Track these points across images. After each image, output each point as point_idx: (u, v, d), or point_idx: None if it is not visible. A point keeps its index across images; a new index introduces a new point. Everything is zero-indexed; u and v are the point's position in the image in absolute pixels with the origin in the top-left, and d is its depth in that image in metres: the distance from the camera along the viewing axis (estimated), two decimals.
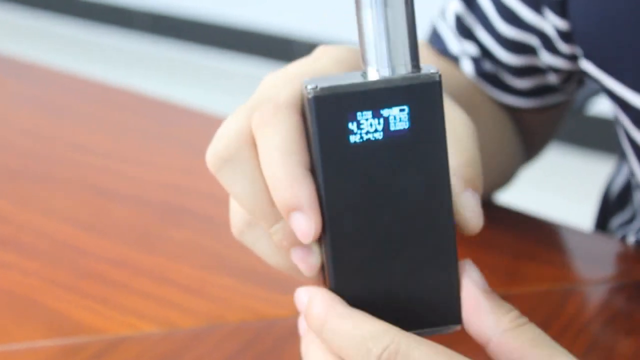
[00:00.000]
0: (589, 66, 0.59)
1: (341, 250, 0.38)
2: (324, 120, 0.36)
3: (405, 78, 0.36)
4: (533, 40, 0.63)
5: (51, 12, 3.65)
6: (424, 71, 0.37)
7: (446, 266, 0.38)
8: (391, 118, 0.36)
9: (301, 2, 2.84)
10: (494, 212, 0.66)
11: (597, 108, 1.24)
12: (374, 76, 0.37)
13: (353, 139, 0.36)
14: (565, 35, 0.60)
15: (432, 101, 0.37)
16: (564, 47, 0.60)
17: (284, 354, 0.53)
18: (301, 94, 0.39)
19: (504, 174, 0.70)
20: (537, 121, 0.71)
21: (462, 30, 0.67)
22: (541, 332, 0.37)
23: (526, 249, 0.62)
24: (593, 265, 0.61)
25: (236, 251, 0.44)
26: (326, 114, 0.36)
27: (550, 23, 0.60)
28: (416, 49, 0.37)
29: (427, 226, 0.37)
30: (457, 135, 0.41)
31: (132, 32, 3.38)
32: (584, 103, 1.06)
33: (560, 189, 2.14)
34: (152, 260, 0.62)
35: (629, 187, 0.77)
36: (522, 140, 0.72)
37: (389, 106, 0.36)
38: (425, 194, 0.37)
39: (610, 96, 0.59)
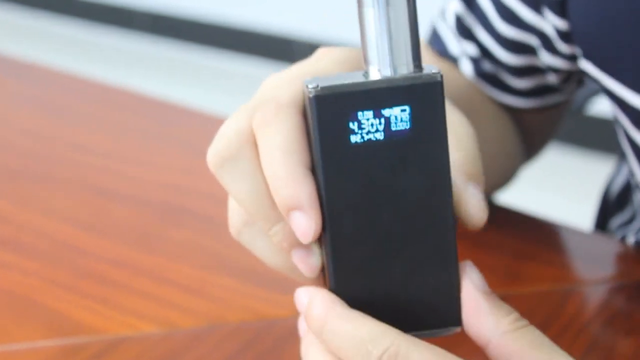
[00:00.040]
0: (588, 66, 0.59)
1: (341, 251, 0.37)
2: (324, 120, 0.36)
3: (406, 78, 0.36)
4: (533, 40, 0.63)
5: (51, 12, 3.65)
6: (426, 71, 0.36)
7: (446, 267, 0.38)
8: (392, 118, 0.36)
9: (301, 2, 2.84)
10: (494, 213, 0.66)
11: (597, 108, 1.24)
12: (375, 76, 0.37)
13: (354, 138, 0.36)
14: (564, 35, 0.60)
15: (433, 101, 0.36)
16: (563, 47, 0.60)
17: (284, 354, 0.53)
18: (302, 93, 0.39)
19: (504, 175, 0.70)
20: (536, 121, 0.71)
21: (462, 30, 0.67)
22: (541, 334, 0.37)
23: (526, 249, 0.62)
24: (593, 265, 0.61)
25: (236, 251, 0.44)
26: (327, 113, 0.36)
27: (550, 23, 0.60)
28: (418, 48, 0.37)
29: (427, 227, 0.37)
30: (457, 136, 0.41)
31: (132, 32, 3.38)
32: (584, 103, 1.06)
33: (560, 189, 2.14)
34: (152, 260, 0.62)
35: (629, 187, 0.77)
36: (523, 141, 0.72)
37: (390, 106, 0.36)
38: (425, 195, 0.37)
39: (610, 96, 0.59)
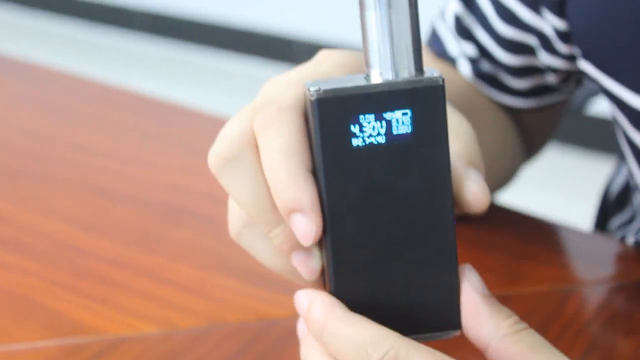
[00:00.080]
0: (587, 66, 0.59)
1: (342, 254, 0.37)
2: (326, 123, 0.36)
3: (408, 81, 0.36)
4: (531, 40, 0.63)
5: (50, 12, 3.65)
6: (427, 75, 0.36)
7: (446, 271, 0.38)
8: (394, 121, 0.36)
9: (301, 2, 2.84)
10: (493, 213, 0.66)
11: (597, 108, 1.24)
12: (377, 79, 0.37)
13: (355, 142, 0.36)
14: (563, 36, 0.60)
15: (435, 105, 0.36)
16: (562, 47, 0.60)
17: (284, 354, 0.53)
18: (304, 96, 0.39)
19: (505, 175, 0.70)
20: (536, 121, 0.71)
21: (461, 30, 0.67)
22: (540, 337, 0.37)
23: (526, 249, 0.62)
24: (593, 265, 0.61)
25: (236, 251, 0.44)
26: (329, 116, 0.36)
27: (549, 23, 0.60)
28: (420, 52, 0.37)
29: (427, 230, 0.37)
30: (457, 132, 0.41)
31: (132, 32, 3.38)
32: (584, 103, 1.07)
33: (560, 189, 2.14)
34: (152, 261, 0.62)
35: (629, 187, 0.77)
36: (523, 141, 0.72)
37: (392, 109, 0.36)
38: (426, 198, 0.37)
39: (609, 96, 0.59)
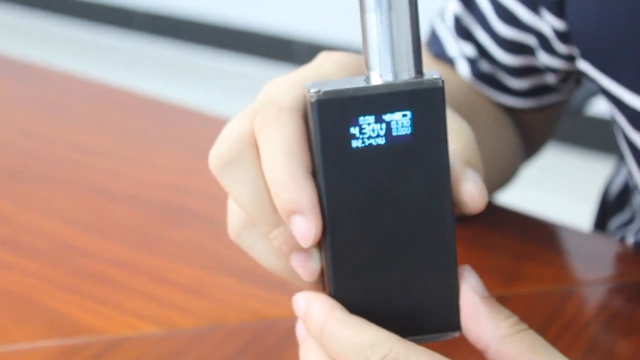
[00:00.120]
0: (586, 66, 0.59)
1: (341, 255, 0.37)
2: (326, 125, 0.36)
3: (408, 83, 0.36)
4: (530, 40, 0.63)
5: (50, 12, 3.65)
6: (427, 77, 0.37)
7: (446, 272, 0.38)
8: (393, 123, 0.36)
9: (301, 2, 2.84)
10: (493, 212, 0.66)
11: (596, 108, 1.25)
12: (376, 81, 0.37)
13: (355, 143, 0.36)
14: (562, 36, 0.60)
15: (434, 107, 0.36)
16: (561, 47, 0.61)
17: (284, 354, 0.53)
18: (304, 97, 0.39)
19: (505, 175, 0.70)
20: (535, 121, 0.71)
21: (461, 31, 0.67)
22: (540, 338, 0.37)
23: (526, 249, 0.62)
24: (592, 265, 0.61)
25: (236, 251, 0.44)
26: (328, 118, 0.36)
27: (548, 23, 0.60)
28: (419, 54, 0.37)
29: (427, 231, 0.37)
30: (455, 133, 0.41)
31: (132, 32, 3.38)
32: (583, 103, 1.07)
33: (560, 189, 2.14)
34: (152, 261, 0.62)
35: (628, 188, 0.77)
36: (522, 141, 0.72)
37: (392, 111, 0.36)
38: (426, 200, 0.37)
39: (608, 96, 0.59)
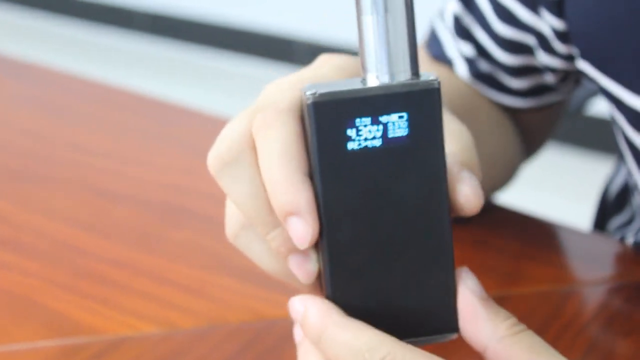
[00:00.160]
0: (585, 66, 0.59)
1: (338, 257, 0.37)
2: (322, 126, 0.36)
3: (404, 85, 0.36)
4: (530, 40, 0.63)
5: (50, 12, 3.65)
6: (423, 78, 0.37)
7: (444, 273, 0.38)
8: (390, 125, 0.36)
9: (301, 2, 2.84)
10: (493, 213, 0.66)
11: (596, 108, 1.25)
12: (373, 82, 0.37)
13: (351, 145, 0.36)
14: (561, 35, 0.60)
15: (431, 108, 0.36)
16: (560, 47, 0.61)
17: (284, 354, 0.53)
18: (301, 99, 0.39)
19: (505, 175, 0.70)
20: (534, 120, 0.71)
21: (460, 30, 0.67)
22: (539, 338, 0.37)
23: (526, 249, 0.62)
24: (592, 265, 0.62)
25: (236, 251, 0.44)
26: (325, 119, 0.36)
27: (547, 23, 0.60)
28: (416, 55, 0.37)
29: (424, 233, 0.37)
30: (453, 134, 0.41)
31: (132, 32, 3.38)
32: (583, 103, 1.06)
33: (559, 189, 2.14)
34: (152, 261, 0.62)
35: (628, 188, 0.77)
36: (522, 141, 0.72)
37: (388, 113, 0.36)
38: (423, 201, 0.37)
39: (607, 96, 0.59)
